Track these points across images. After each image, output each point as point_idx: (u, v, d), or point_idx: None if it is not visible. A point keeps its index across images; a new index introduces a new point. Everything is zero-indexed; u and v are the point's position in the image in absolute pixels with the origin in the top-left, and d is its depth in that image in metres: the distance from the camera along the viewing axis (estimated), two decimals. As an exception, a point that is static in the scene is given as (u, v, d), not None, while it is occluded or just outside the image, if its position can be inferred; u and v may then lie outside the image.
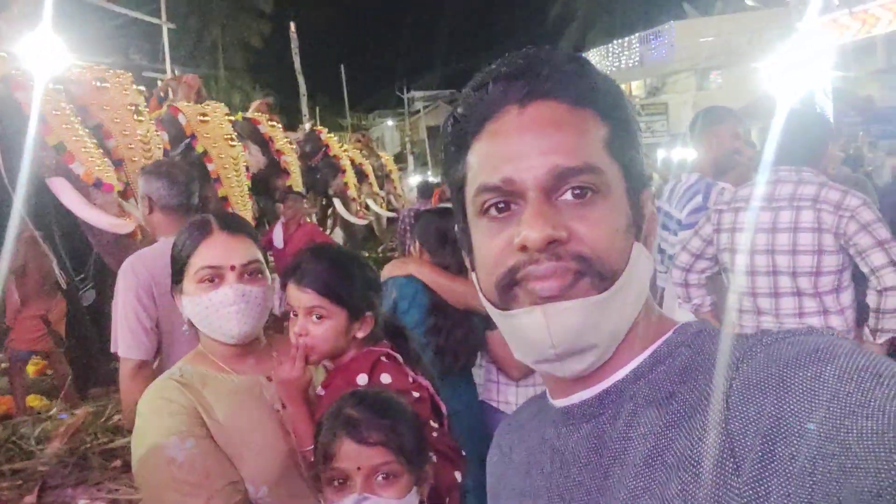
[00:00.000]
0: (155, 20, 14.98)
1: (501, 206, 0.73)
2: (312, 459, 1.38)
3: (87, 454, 4.81)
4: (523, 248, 0.69)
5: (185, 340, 2.52)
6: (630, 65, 31.10)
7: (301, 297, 1.57)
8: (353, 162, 13.93)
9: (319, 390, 1.57)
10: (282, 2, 36.99)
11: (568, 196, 0.70)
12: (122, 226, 4.66)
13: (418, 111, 47.04)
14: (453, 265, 2.97)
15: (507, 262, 0.71)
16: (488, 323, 2.76)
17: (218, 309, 1.55)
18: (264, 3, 37.48)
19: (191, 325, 1.63)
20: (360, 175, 14.54)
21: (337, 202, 12.53)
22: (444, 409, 1.66)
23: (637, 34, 30.62)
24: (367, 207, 14.31)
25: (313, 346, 1.55)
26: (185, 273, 1.60)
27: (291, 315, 1.59)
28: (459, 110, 0.77)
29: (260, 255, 1.65)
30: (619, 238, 0.71)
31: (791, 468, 0.56)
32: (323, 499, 1.29)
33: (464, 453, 1.58)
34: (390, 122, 48.73)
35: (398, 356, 1.63)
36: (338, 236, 9.20)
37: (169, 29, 15.01)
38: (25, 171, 4.73)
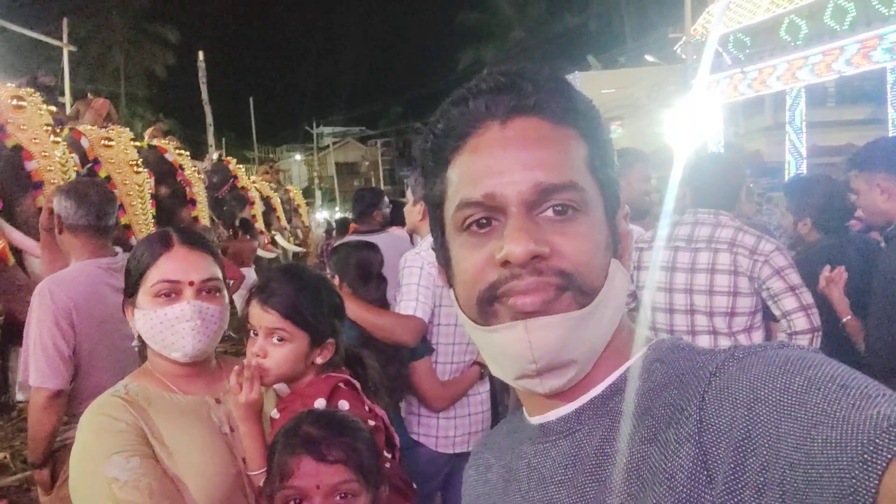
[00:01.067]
0: (56, 42, 14.40)
1: (483, 221, 0.72)
2: (262, 482, 1.34)
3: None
4: (505, 264, 0.69)
5: (104, 367, 2.43)
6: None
7: (264, 317, 1.53)
8: (260, 194, 13.70)
9: (274, 413, 1.52)
10: (188, 33, 36.38)
11: (549, 213, 0.70)
12: None
13: (327, 146, 46.85)
14: (376, 300, 2.96)
15: (488, 277, 0.71)
16: (412, 355, 2.77)
17: (173, 324, 1.50)
18: (170, 32, 36.74)
19: (140, 341, 1.57)
20: (268, 208, 14.31)
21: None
22: (397, 440, 1.64)
23: (543, 83, 31.61)
24: (274, 242, 14.06)
25: (269, 368, 1.51)
26: (140, 286, 1.54)
27: (252, 334, 1.54)
28: (439, 125, 0.76)
29: (219, 273, 1.60)
30: (599, 254, 0.72)
31: (762, 479, 0.57)
32: None
33: (415, 486, 1.57)
34: (298, 157, 48.26)
35: (357, 384, 1.60)
36: (249, 275, 8.95)
37: (70, 52, 14.45)
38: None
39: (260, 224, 12.93)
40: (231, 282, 7.13)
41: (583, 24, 35.44)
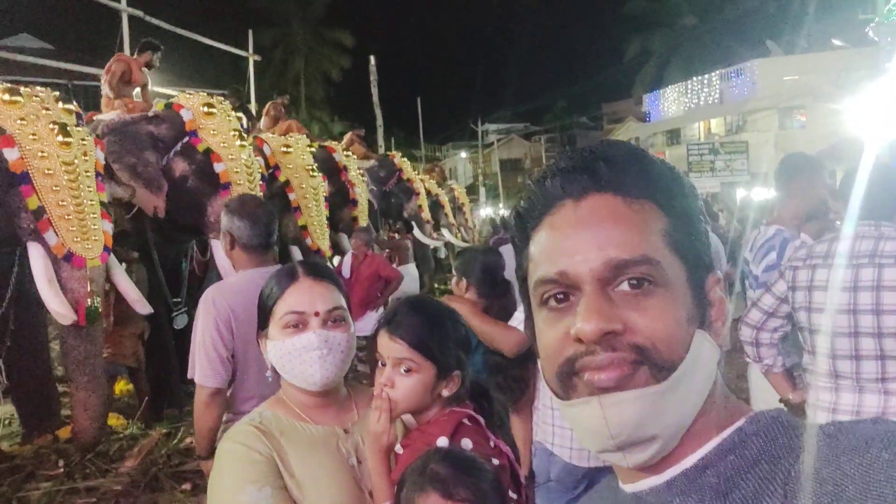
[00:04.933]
0: (242, 52, 15.56)
1: (560, 296, 0.74)
2: None
3: (159, 475, 4.93)
4: (579, 340, 0.70)
5: (256, 371, 2.59)
6: (710, 102, 30.65)
7: (392, 347, 1.54)
8: (429, 192, 14.10)
9: (398, 448, 1.54)
10: (362, 37, 38.11)
11: (625, 287, 0.71)
12: (63, 317, 4.53)
13: (492, 144, 47.32)
14: (501, 305, 2.99)
15: (565, 352, 0.72)
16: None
17: (301, 354, 1.57)
18: (345, 37, 38.67)
19: (274, 371, 1.66)
20: (436, 205, 14.70)
21: (415, 228, 12.69)
22: (522, 477, 1.61)
23: (717, 71, 30.19)
24: (441, 235, 14.45)
25: (397, 399, 1.53)
26: (271, 318, 1.64)
27: (380, 364, 1.58)
28: (522, 204, 0.80)
29: (344, 303, 1.67)
30: (679, 327, 0.71)
31: None
32: None
33: None
34: (463, 155, 49.14)
35: (481, 419, 1.59)
36: (407, 272, 9.26)
37: (255, 61, 15.56)
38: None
39: (426, 215, 13.33)
40: (392, 281, 7.43)
41: (760, 6, 33.28)
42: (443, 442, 1.47)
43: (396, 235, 11.86)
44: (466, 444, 1.49)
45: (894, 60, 10.66)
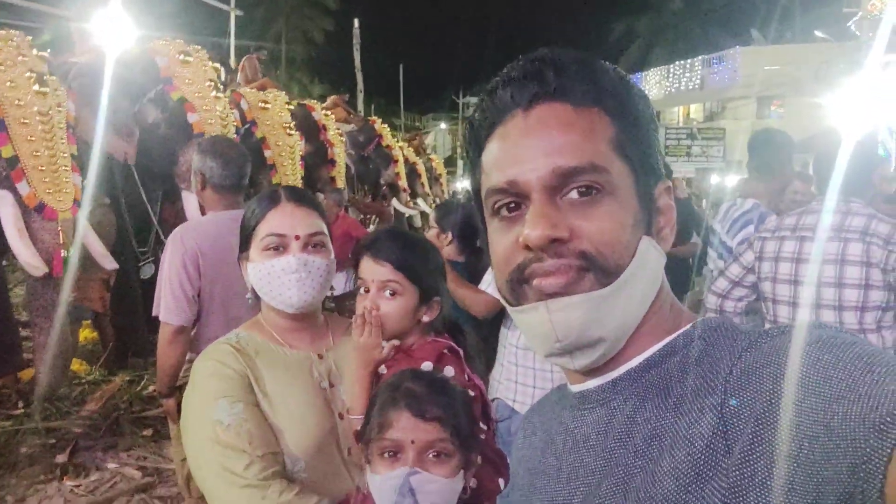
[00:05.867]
0: (224, 6, 15.29)
1: (512, 206, 0.75)
2: (358, 428, 1.40)
3: (120, 420, 4.94)
4: (527, 247, 0.72)
5: (221, 313, 2.60)
6: (690, 87, 30.76)
7: (377, 270, 1.57)
8: (406, 160, 14.01)
9: (382, 369, 1.58)
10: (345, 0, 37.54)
11: (573, 195, 0.72)
12: (35, 269, 4.47)
13: (472, 117, 47.09)
14: (476, 259, 3.05)
15: (515, 259, 0.74)
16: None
17: (280, 276, 1.59)
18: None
19: (254, 293, 1.68)
20: (413, 173, 14.62)
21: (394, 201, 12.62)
22: (493, 413, 1.65)
23: (700, 57, 30.28)
24: (417, 204, 14.39)
25: (382, 322, 1.56)
26: (252, 241, 1.66)
27: (363, 290, 1.60)
28: (475, 115, 0.81)
29: (324, 228, 1.69)
30: (625, 233, 0.72)
31: (777, 450, 0.58)
32: (370, 469, 1.30)
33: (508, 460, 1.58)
34: (443, 126, 48.86)
35: (460, 351, 1.63)
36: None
37: (236, 16, 15.30)
38: (99, 139, 4.90)
39: (403, 182, 13.26)
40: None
41: (747, -5, 33.37)
42: (427, 366, 1.51)
43: (381, 199, 11.79)
44: (449, 371, 1.53)
45: (874, 56, 10.77)
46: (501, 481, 1.45)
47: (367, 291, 1.58)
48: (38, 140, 4.49)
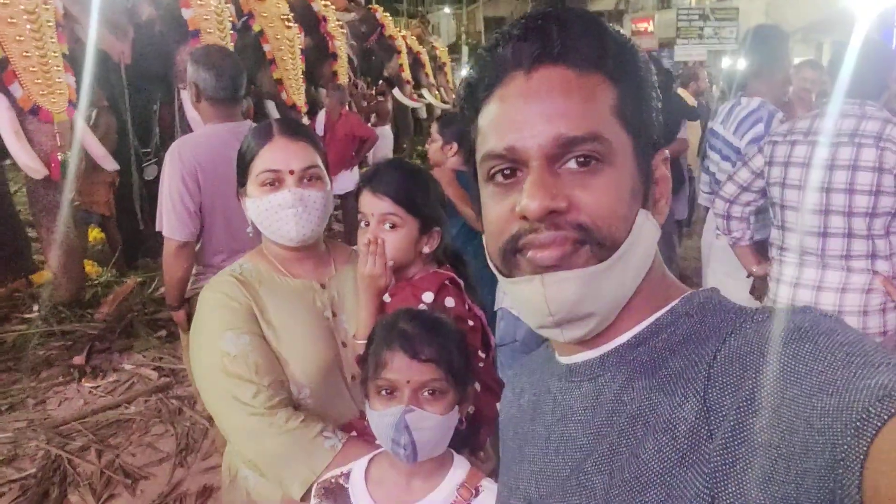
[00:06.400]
0: None
1: (507, 171, 0.73)
2: (361, 353, 1.44)
3: (134, 322, 5.05)
4: (523, 217, 0.70)
5: (224, 225, 2.61)
6: (704, -36, 29.45)
7: (376, 203, 1.58)
8: (409, 49, 13.62)
9: (386, 297, 1.61)
10: None
11: (572, 164, 0.70)
12: (35, 171, 4.47)
13: (477, 0, 45.48)
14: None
15: (509, 229, 0.72)
16: None
17: (277, 211, 1.60)
18: None
19: (255, 227, 1.69)
20: (416, 63, 14.25)
21: (396, 92, 12.35)
22: (492, 341, 1.68)
23: (714, -69, 28.82)
24: (421, 96, 14.10)
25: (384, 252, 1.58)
26: (248, 176, 1.65)
27: (363, 224, 1.61)
28: (472, 73, 0.77)
29: (319, 161, 1.67)
30: (623, 206, 0.71)
31: (758, 439, 0.58)
32: (369, 405, 1.34)
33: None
34: (447, 10, 47.24)
35: (461, 282, 1.65)
36: (382, 133, 9.10)
37: None
38: (92, 37, 4.75)
39: (407, 74, 12.96)
40: (367, 141, 7.35)
41: None
42: (428, 297, 1.55)
43: (377, 95, 11.54)
44: (449, 302, 1.57)
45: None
46: (499, 406, 1.50)
47: (368, 225, 1.60)
48: (26, 40, 4.38)
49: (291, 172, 1.60)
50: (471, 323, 1.56)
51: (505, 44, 0.73)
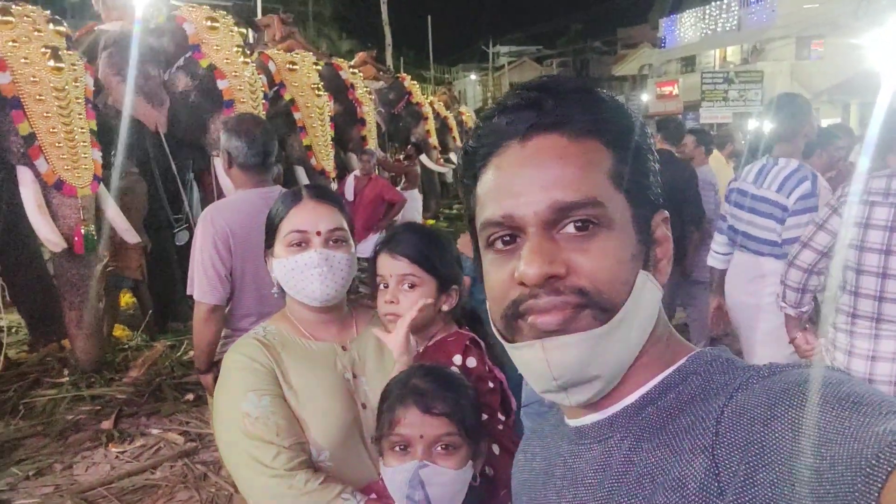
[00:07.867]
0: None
1: (507, 238, 0.74)
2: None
3: (162, 386, 5.06)
4: (523, 284, 0.70)
5: (253, 289, 2.63)
6: (727, 28, 29.89)
7: (394, 264, 1.61)
8: (437, 114, 13.91)
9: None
10: (372, -49, 36.93)
11: (570, 229, 0.71)
12: (54, 244, 4.55)
13: (502, 66, 46.45)
14: None
15: (510, 295, 0.73)
16: None
17: (303, 271, 1.63)
18: (356, -49, 37.46)
19: (280, 288, 1.72)
20: (444, 127, 14.52)
21: (423, 157, 12.57)
22: (513, 403, 1.68)
23: (737, -4, 29.32)
24: (448, 160, 14.33)
25: (403, 314, 1.59)
26: (276, 237, 1.70)
27: (381, 287, 1.64)
28: (470, 142, 0.79)
29: (345, 224, 1.72)
30: (622, 269, 0.71)
31: (769, 494, 0.57)
32: (383, 462, 1.35)
33: None
34: (473, 77, 48.29)
35: (482, 343, 1.66)
36: (410, 196, 9.23)
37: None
38: (127, 109, 4.88)
39: (433, 140, 13.23)
40: (395, 204, 7.44)
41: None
42: (457, 360, 1.57)
43: (405, 160, 11.74)
44: (471, 362, 1.58)
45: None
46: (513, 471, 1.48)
47: (387, 287, 1.62)
48: (54, 116, 4.51)
49: (318, 233, 1.64)
50: (491, 385, 1.56)
51: (501, 114, 0.75)
